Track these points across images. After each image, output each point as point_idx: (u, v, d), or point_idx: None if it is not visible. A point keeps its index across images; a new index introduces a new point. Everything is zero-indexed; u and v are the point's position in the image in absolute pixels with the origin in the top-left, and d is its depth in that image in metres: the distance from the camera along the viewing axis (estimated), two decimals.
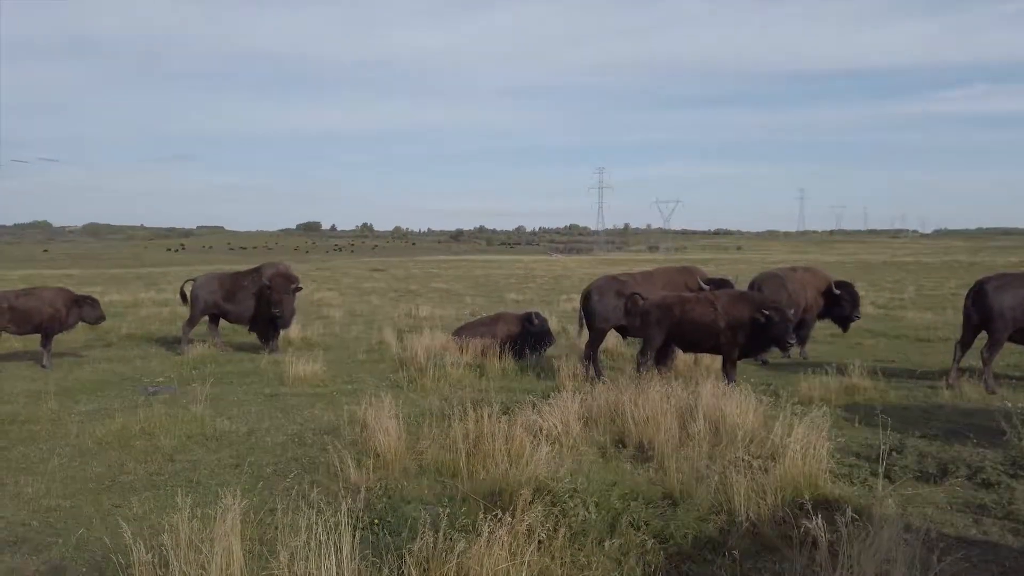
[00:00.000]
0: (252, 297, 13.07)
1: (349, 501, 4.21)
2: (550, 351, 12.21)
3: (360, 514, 4.87)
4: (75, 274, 51.98)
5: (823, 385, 9.16)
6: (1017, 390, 9.62)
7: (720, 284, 10.66)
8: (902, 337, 15.88)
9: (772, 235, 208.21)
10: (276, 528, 3.71)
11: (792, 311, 8.57)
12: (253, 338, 13.75)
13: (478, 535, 3.75)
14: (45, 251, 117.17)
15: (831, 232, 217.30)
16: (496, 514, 3.90)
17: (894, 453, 6.24)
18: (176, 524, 3.52)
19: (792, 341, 8.52)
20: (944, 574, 3.86)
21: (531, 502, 4.67)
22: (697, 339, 8.97)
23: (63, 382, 10.23)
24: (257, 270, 13.49)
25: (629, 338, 11.52)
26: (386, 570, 3.75)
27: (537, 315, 12.20)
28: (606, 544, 4.36)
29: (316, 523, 3.51)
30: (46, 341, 11.46)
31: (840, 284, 13.05)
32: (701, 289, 10.37)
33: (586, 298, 10.57)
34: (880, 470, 5.56)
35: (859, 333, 16.08)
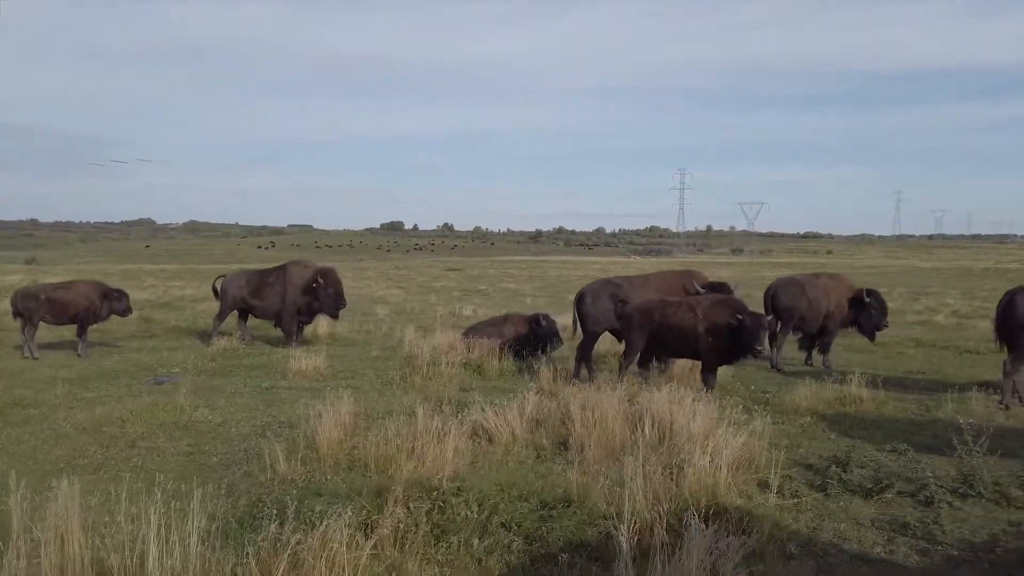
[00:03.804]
0: (277, 294, 13.59)
1: (210, 489, 4.36)
2: (558, 352, 12.19)
3: (261, 506, 5.07)
4: (169, 269, 54.92)
5: (815, 395, 8.87)
6: None
7: (719, 289, 10.41)
8: (950, 348, 15.09)
9: (866, 239, 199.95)
10: (120, 516, 3.88)
11: (769, 318, 8.30)
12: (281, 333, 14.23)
13: (313, 528, 3.86)
14: (147, 247, 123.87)
15: (930, 237, 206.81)
16: (337, 508, 4.00)
17: (833, 467, 6.02)
18: (10, 506, 3.77)
19: (760, 348, 8.26)
20: None
21: (418, 499, 4.77)
22: (677, 344, 8.82)
23: (87, 370, 10.90)
24: (282, 268, 14.01)
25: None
26: (232, 559, 3.90)
27: (545, 317, 12.20)
28: (475, 543, 4.41)
29: (149, 511, 3.69)
30: (82, 331, 12.22)
31: (870, 292, 12.61)
32: (698, 294, 10.16)
33: (579, 300, 10.53)
34: (771, 486, 5.39)
35: (904, 343, 15.47)
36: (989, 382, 10.20)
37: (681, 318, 8.63)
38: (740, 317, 8.12)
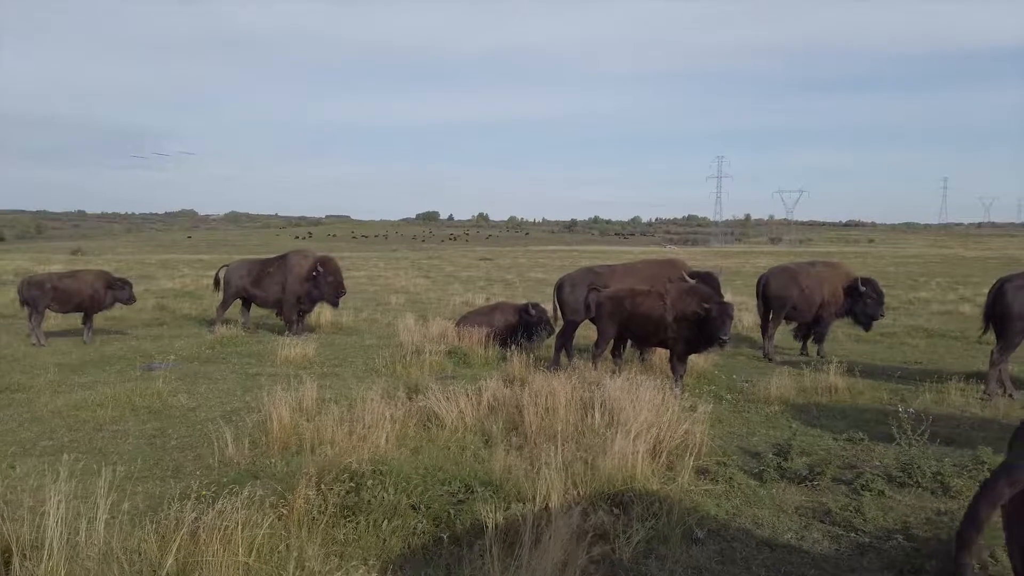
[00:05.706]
0: (277, 283, 13.87)
1: (157, 471, 4.53)
2: (549, 341, 12.26)
3: (186, 488, 5.26)
4: (205, 259, 56.01)
5: (789, 384, 8.83)
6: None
7: (705, 278, 10.35)
8: (961, 339, 14.79)
9: (910, 227, 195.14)
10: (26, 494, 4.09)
11: (728, 305, 8.24)
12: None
13: (211, 507, 4.01)
14: (189, 238, 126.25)
15: (978, 225, 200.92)
16: (233, 488, 4.15)
17: (770, 454, 6.02)
18: None
19: (726, 337, 8.21)
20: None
21: (335, 481, 4.92)
22: (648, 333, 8.82)
23: (86, 356, 11.26)
24: (283, 257, 14.28)
25: None
26: (140, 534, 4.07)
27: (535, 306, 12.27)
28: (384, 524, 4.53)
29: (49, 489, 3.88)
30: (87, 319, 12.63)
31: (866, 281, 12.40)
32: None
33: (559, 289, 10.58)
34: (708, 472, 5.40)
35: (913, 332, 15.27)
36: (981, 372, 10.02)
37: (651, 307, 8.63)
38: (707, 306, 8.10)
